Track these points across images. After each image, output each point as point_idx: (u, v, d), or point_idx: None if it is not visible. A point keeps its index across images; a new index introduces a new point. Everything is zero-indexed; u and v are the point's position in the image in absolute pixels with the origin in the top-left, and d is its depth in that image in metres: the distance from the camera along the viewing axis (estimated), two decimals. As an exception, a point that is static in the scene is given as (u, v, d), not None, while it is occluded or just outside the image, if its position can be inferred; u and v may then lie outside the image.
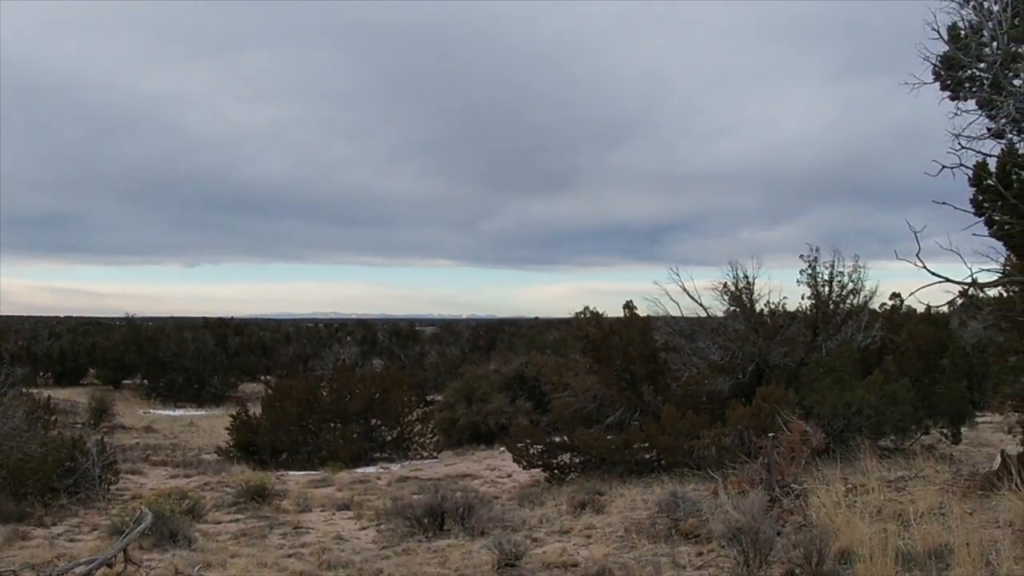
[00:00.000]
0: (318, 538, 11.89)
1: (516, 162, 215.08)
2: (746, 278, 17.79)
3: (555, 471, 15.75)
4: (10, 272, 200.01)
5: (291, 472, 18.76)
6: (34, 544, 11.38)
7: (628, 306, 18.04)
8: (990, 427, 19.42)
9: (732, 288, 17.88)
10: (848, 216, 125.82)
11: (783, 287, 18.18)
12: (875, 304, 18.52)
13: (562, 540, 10.67)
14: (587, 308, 18.91)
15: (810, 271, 17.43)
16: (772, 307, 17.87)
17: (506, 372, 26.90)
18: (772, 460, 10.69)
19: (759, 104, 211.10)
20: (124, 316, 52.22)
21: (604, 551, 9.63)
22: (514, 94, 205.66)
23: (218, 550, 10.82)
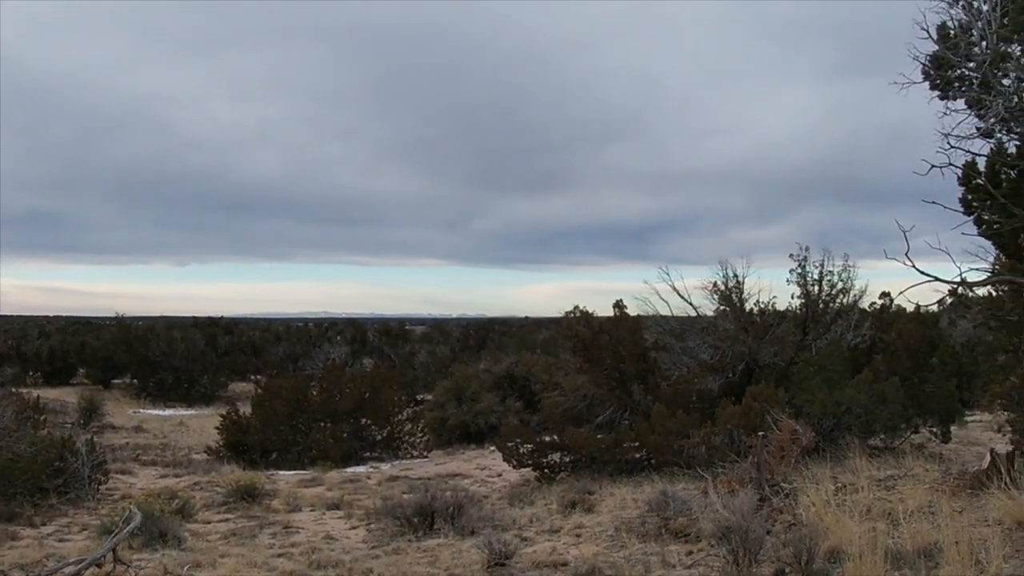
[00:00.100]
0: (308, 538, 11.88)
1: (506, 161, 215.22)
2: (736, 277, 17.83)
3: (545, 470, 15.76)
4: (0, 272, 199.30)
5: (281, 472, 18.72)
6: (23, 544, 11.35)
7: (618, 305, 18.04)
8: (979, 426, 19.47)
9: (722, 287, 17.91)
10: (838, 215, 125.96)
11: (773, 286, 18.20)
12: (864, 303, 18.56)
13: (552, 539, 10.67)
14: (577, 307, 18.90)
15: (800, 270, 17.47)
16: (762, 306, 17.89)
17: (496, 371, 26.90)
18: (762, 459, 10.70)
19: (750, 104, 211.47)
20: (114, 316, 51.97)
21: (594, 550, 9.64)
22: (504, 93, 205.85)
23: (208, 550, 10.80)
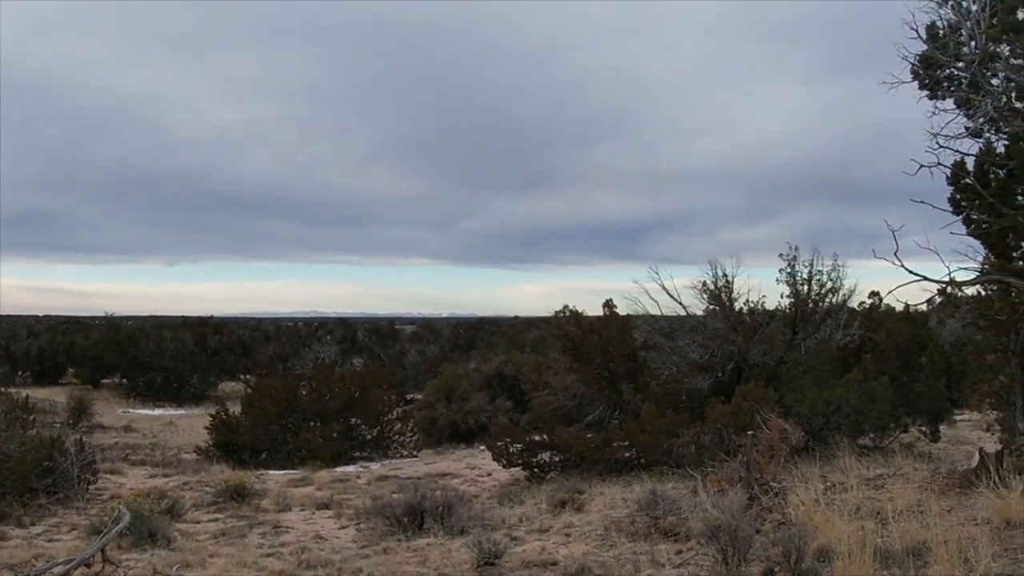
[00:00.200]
0: (297, 537, 11.86)
1: (497, 161, 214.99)
2: (725, 277, 17.86)
3: (535, 470, 15.76)
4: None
5: (271, 471, 18.70)
6: (12, 544, 11.31)
7: (608, 305, 18.05)
8: (968, 425, 19.54)
9: (712, 287, 17.94)
10: (827, 215, 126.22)
11: (762, 286, 18.25)
12: (854, 303, 18.62)
13: (542, 539, 10.67)
14: (567, 307, 18.87)
15: (789, 270, 17.50)
16: (751, 306, 17.92)
17: (486, 371, 26.90)
18: (751, 458, 10.71)
19: (740, 104, 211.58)
20: (104, 315, 51.80)
21: (584, 549, 9.63)
22: (494, 93, 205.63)
23: (197, 550, 10.76)
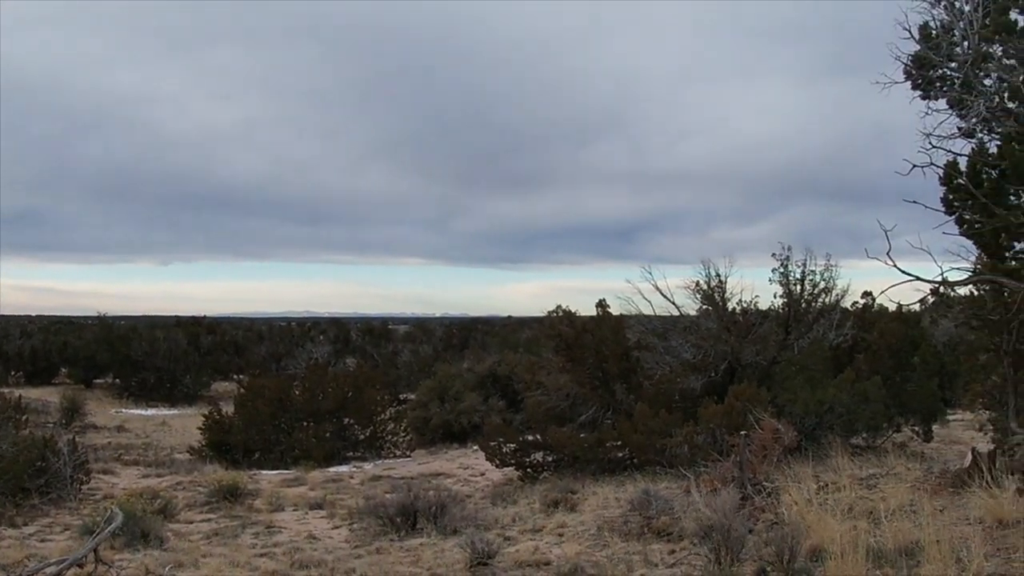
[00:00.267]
0: (290, 537, 11.85)
1: (488, 161, 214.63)
2: (718, 277, 17.88)
3: (528, 470, 15.76)
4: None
5: (264, 471, 18.67)
6: (5, 544, 11.27)
7: (601, 305, 18.08)
8: (961, 425, 19.58)
9: (704, 287, 17.96)
10: (820, 215, 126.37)
11: (755, 286, 18.25)
12: (847, 303, 18.65)
13: (535, 538, 10.66)
14: (560, 307, 18.93)
15: (782, 270, 17.52)
16: (744, 306, 17.96)
17: (479, 371, 26.92)
18: (744, 458, 10.72)
19: (732, 103, 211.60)
20: (96, 315, 51.67)
21: (577, 549, 9.63)
22: (485, 93, 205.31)
23: (190, 550, 10.75)
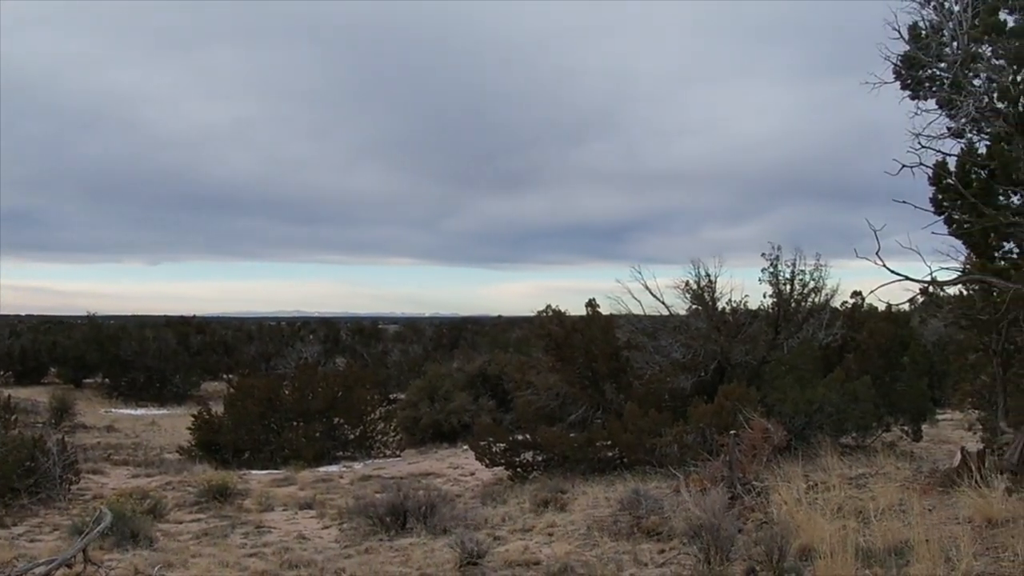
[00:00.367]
0: (280, 537, 11.82)
1: (480, 160, 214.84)
2: (708, 276, 17.91)
3: (518, 469, 15.75)
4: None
5: (253, 471, 18.63)
6: (-8, 545, 11.24)
7: (591, 304, 18.07)
8: (950, 424, 19.64)
9: (694, 286, 17.98)
10: (810, 215, 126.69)
11: (745, 285, 18.29)
12: (836, 302, 18.69)
13: (524, 538, 10.65)
14: (550, 306, 18.91)
15: (772, 269, 17.56)
16: (734, 305, 17.99)
17: (469, 370, 26.91)
18: (734, 458, 10.73)
19: (723, 103, 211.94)
20: (86, 315, 51.57)
21: (566, 549, 9.62)
22: (477, 92, 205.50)
23: (179, 550, 10.72)
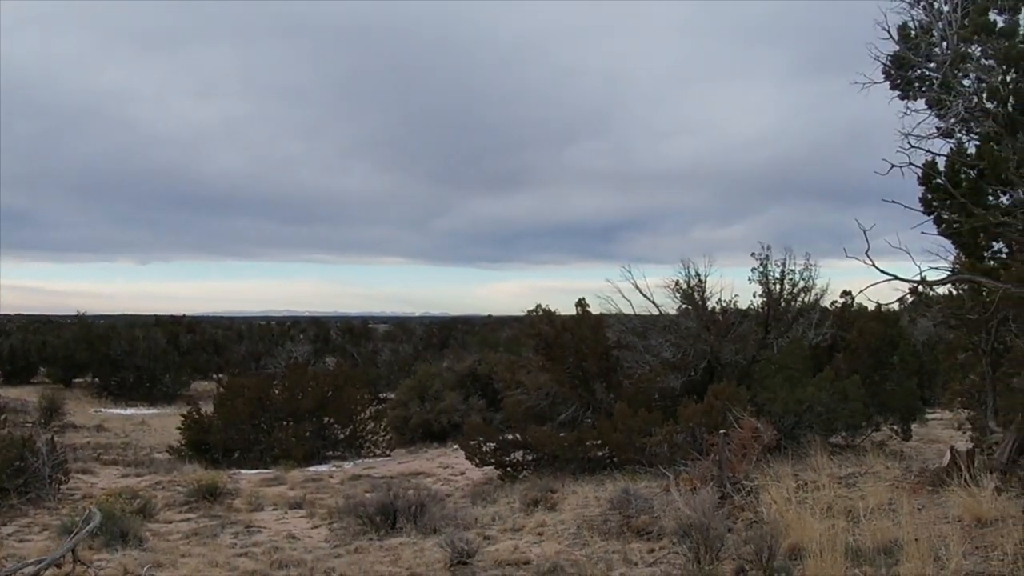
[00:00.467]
0: (270, 537, 11.80)
1: (471, 160, 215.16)
2: (698, 276, 17.91)
3: (508, 469, 15.75)
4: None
5: (243, 471, 18.61)
6: (-19, 544, 11.21)
7: (581, 304, 18.05)
8: (940, 424, 19.65)
9: (684, 286, 17.98)
10: (800, 214, 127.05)
11: (735, 285, 18.34)
12: (826, 302, 18.71)
13: (515, 538, 10.65)
14: (540, 306, 18.87)
15: (761, 269, 17.58)
16: (724, 305, 17.99)
17: (459, 370, 26.87)
18: (724, 457, 10.73)
19: (714, 103, 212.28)
20: (75, 314, 51.47)
21: (556, 548, 9.63)
22: (468, 93, 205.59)
23: (169, 550, 10.70)
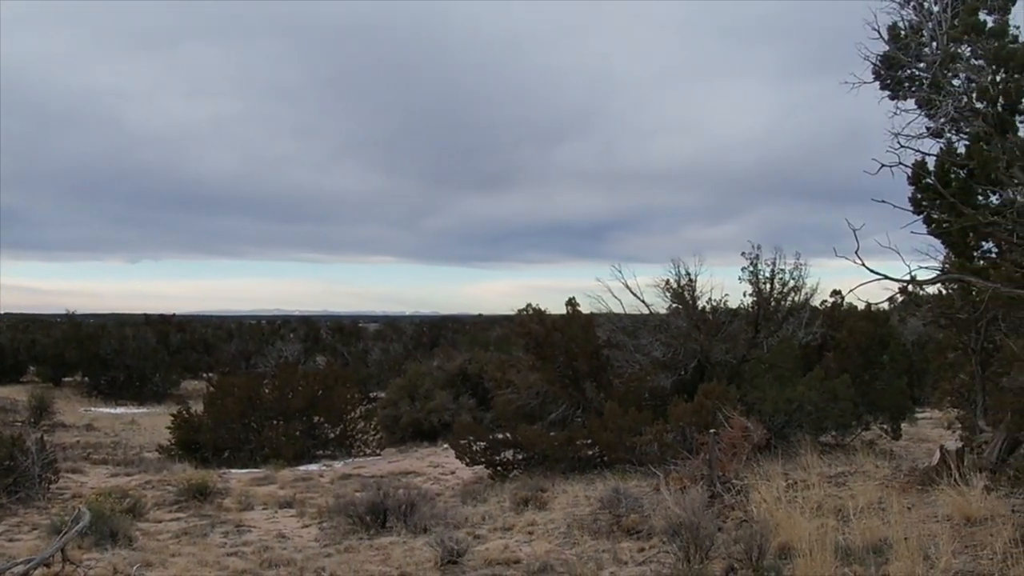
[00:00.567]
0: (260, 536, 11.78)
1: (461, 160, 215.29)
2: (688, 275, 17.93)
3: (498, 468, 15.75)
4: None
5: (233, 470, 18.57)
6: (-30, 544, 11.18)
7: (571, 303, 18.06)
8: (929, 423, 19.70)
9: (674, 285, 18.00)
10: (790, 214, 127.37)
11: (725, 284, 18.37)
12: (816, 301, 18.73)
13: (505, 537, 10.66)
14: (530, 305, 18.86)
15: (752, 268, 17.59)
16: (714, 304, 18.01)
17: (449, 369, 26.87)
18: (714, 456, 10.75)
19: (704, 103, 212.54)
20: (65, 313, 51.37)
21: (546, 547, 9.63)
22: (458, 93, 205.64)
23: (159, 549, 10.67)
